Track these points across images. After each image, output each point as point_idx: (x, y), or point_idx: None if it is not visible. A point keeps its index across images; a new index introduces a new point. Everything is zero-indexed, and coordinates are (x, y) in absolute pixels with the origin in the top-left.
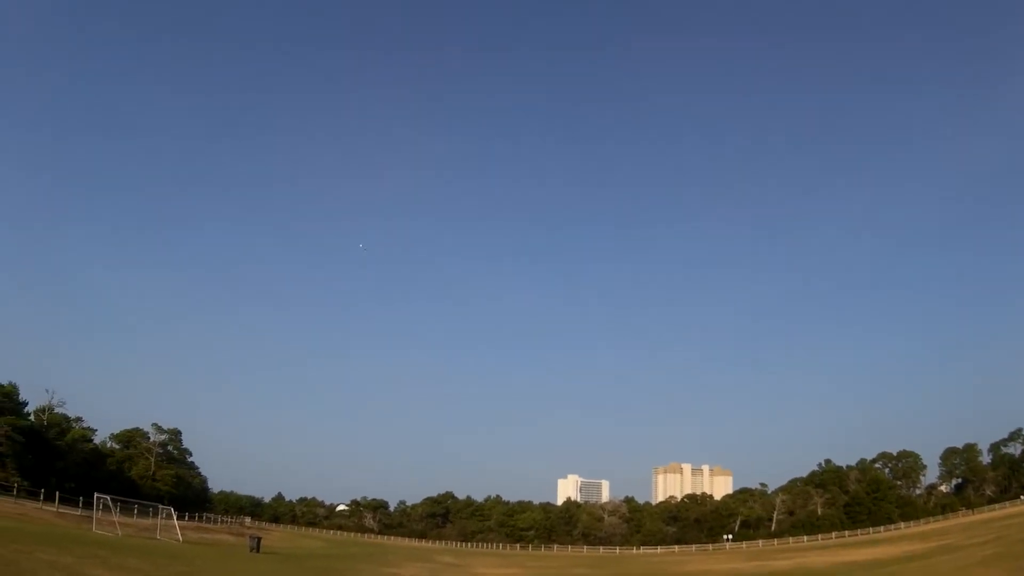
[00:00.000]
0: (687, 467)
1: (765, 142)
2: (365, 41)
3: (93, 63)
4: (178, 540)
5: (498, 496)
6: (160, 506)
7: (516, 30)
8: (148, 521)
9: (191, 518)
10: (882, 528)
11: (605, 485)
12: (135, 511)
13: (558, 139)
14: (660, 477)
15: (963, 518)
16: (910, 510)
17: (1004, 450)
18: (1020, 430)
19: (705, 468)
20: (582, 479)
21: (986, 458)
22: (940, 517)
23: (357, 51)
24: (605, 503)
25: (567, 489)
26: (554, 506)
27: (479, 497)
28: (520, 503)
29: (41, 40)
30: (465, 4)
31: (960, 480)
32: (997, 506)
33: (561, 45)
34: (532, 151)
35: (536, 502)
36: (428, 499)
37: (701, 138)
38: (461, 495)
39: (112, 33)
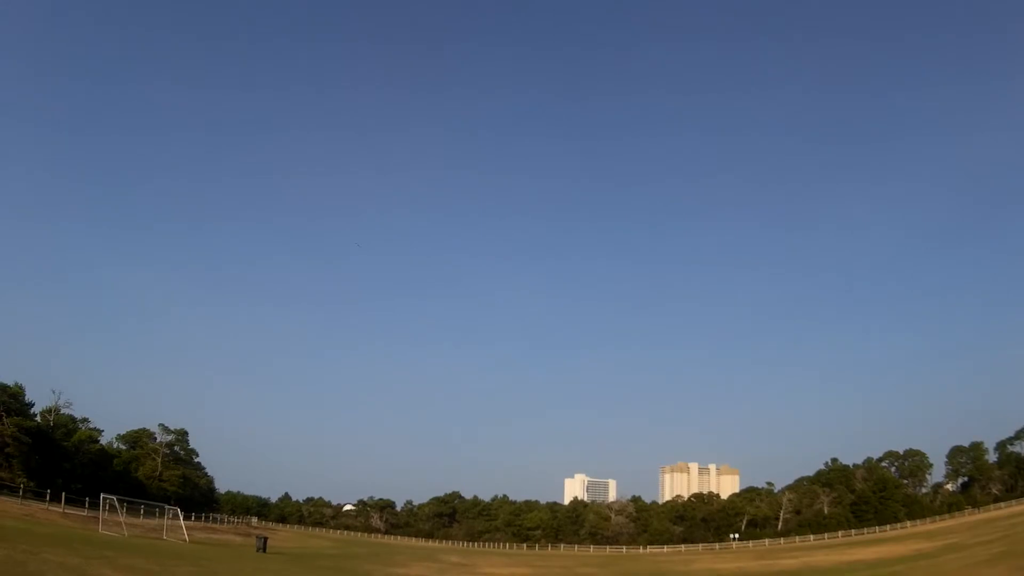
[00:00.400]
0: (694, 466)
1: (767, 141)
2: (366, 38)
3: (92, 60)
4: (185, 540)
5: (505, 496)
6: (166, 506)
7: (519, 27)
8: (154, 521)
9: (198, 518)
10: (888, 527)
11: (612, 484)
12: (141, 511)
13: (562, 137)
14: (667, 476)
15: (969, 517)
16: (916, 509)
17: (1011, 448)
18: None
19: (712, 467)
20: (589, 478)
21: (993, 456)
22: (946, 516)
23: (357, 48)
24: (612, 502)
25: (574, 488)
26: (561, 505)
27: (486, 497)
28: (527, 502)
29: (41, 38)
30: (470, 1)
31: (966, 479)
32: (1003, 504)
33: (565, 43)
34: (535, 149)
35: (543, 502)
36: (435, 499)
37: (703, 137)
38: (468, 495)
39: (112, 30)
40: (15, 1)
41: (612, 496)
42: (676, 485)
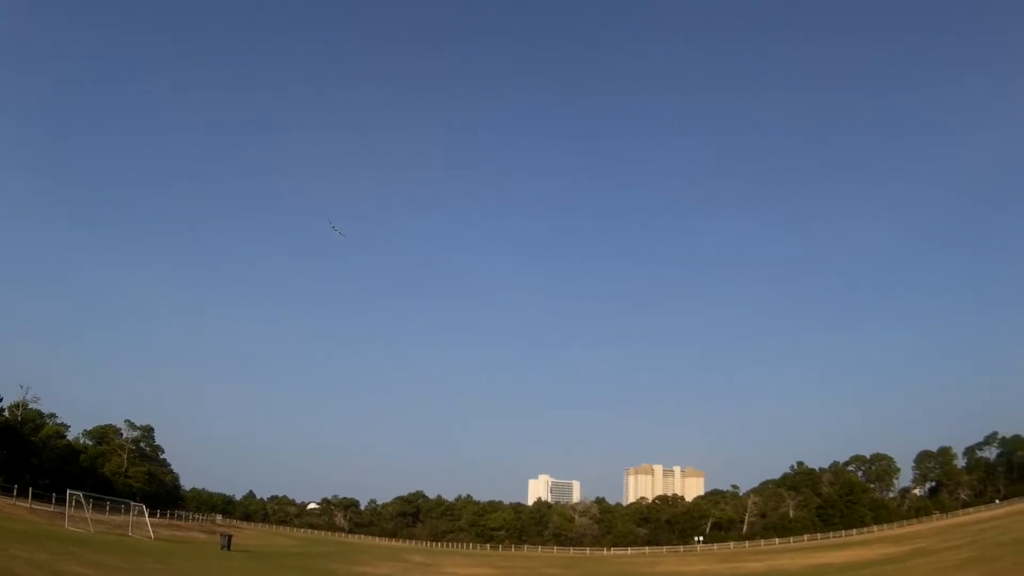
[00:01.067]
0: (659, 468)
1: (767, 141)
2: (366, 38)
3: (92, 61)
4: (150, 537)
5: (469, 496)
6: (132, 503)
7: (520, 27)
8: (120, 518)
9: (163, 515)
10: (855, 531)
11: (576, 486)
12: (107, 508)
13: (562, 137)
14: (631, 478)
15: (937, 522)
16: (883, 513)
17: (979, 454)
18: (995, 434)
19: (677, 470)
20: (553, 479)
21: (961, 462)
22: (914, 520)
23: (357, 48)
24: (576, 504)
25: (538, 489)
26: (525, 506)
27: (450, 496)
28: (491, 503)
29: (37, 38)
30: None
31: (934, 484)
32: (972, 510)
33: (565, 43)
34: (536, 149)
35: (507, 502)
36: (399, 498)
37: (703, 137)
38: (432, 494)
39: (111, 31)
40: (14, 2)
41: (576, 498)
42: (641, 487)
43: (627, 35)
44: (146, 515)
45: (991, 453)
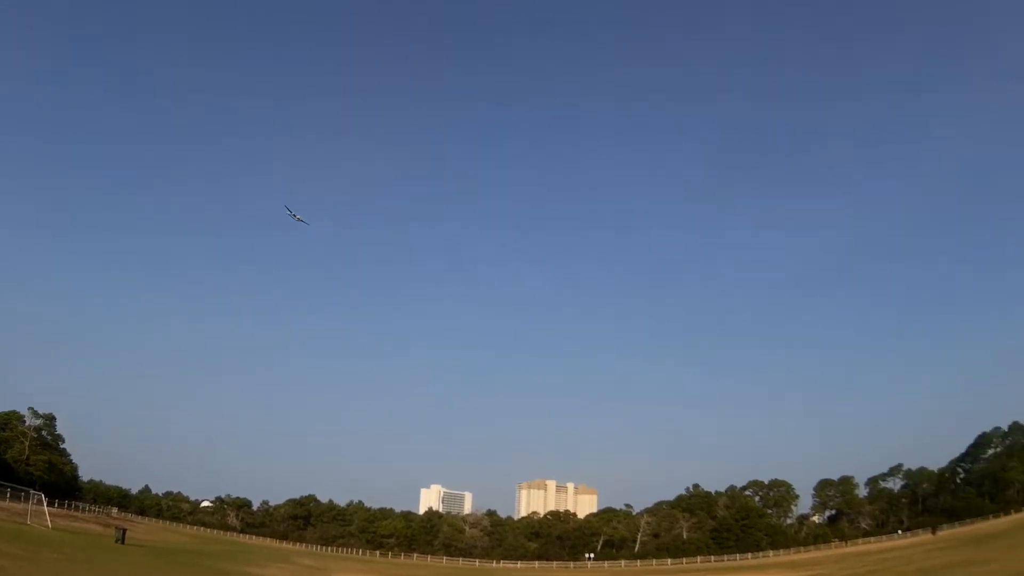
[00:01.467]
0: (552, 484)
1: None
2: (368, 45)
3: (92, 67)
4: (47, 527)
5: (360, 502)
6: (31, 491)
7: (519, 31)
8: (19, 506)
9: (60, 506)
10: (750, 555)
11: (468, 497)
12: (8, 495)
13: (528, 140)
14: (524, 492)
15: (836, 549)
16: (780, 539)
17: (883, 485)
18: (900, 465)
19: (570, 486)
20: (445, 489)
21: (863, 492)
22: (812, 547)
23: (358, 54)
24: (467, 515)
25: (429, 499)
26: (415, 515)
27: (341, 501)
28: (382, 510)
29: (39, 42)
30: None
31: (834, 512)
32: (874, 539)
33: (544, 46)
34: (503, 153)
35: (398, 510)
36: (291, 500)
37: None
38: (324, 498)
39: (108, 35)
40: (14, 2)
41: (468, 509)
42: (533, 502)
43: (623, 37)
44: (44, 504)
45: (895, 484)
